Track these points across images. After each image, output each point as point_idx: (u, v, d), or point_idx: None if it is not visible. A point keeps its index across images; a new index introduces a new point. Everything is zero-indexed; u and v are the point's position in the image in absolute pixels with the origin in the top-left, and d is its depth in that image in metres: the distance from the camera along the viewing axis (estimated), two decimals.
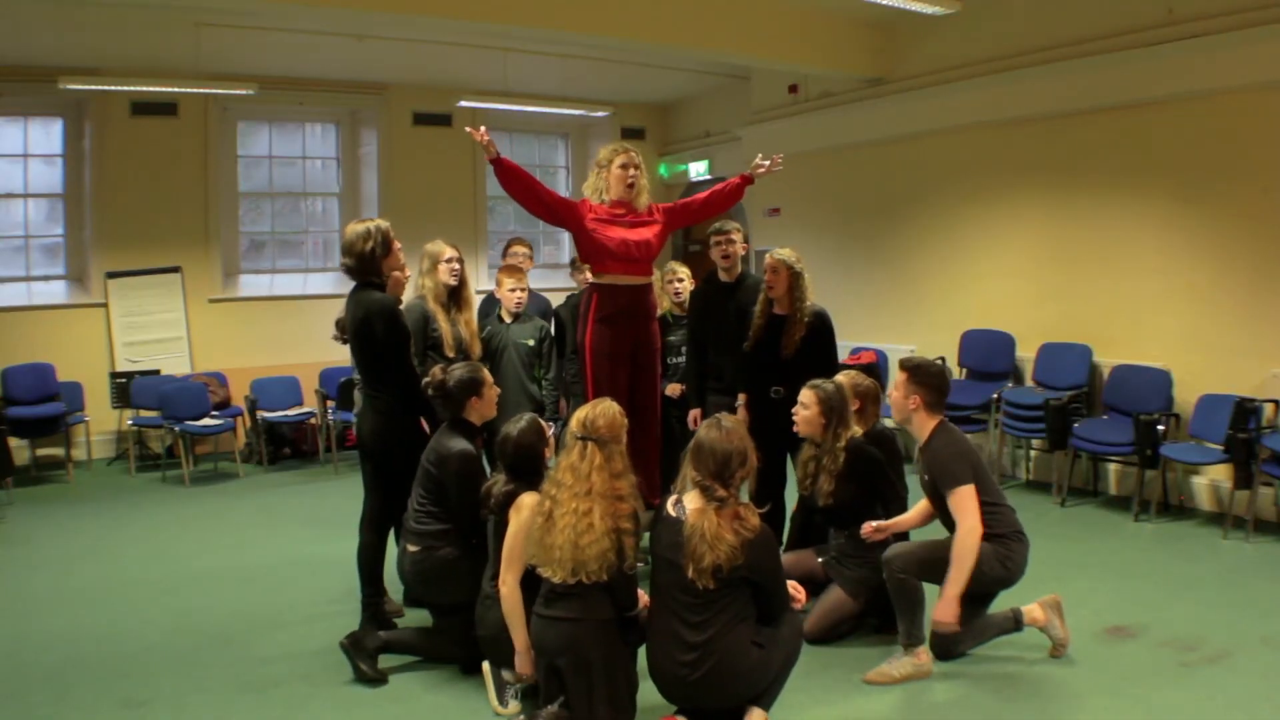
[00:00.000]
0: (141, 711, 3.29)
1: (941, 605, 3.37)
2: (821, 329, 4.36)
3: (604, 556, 2.88)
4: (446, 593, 3.53)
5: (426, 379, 3.83)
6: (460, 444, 3.53)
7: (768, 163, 4.34)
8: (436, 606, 3.66)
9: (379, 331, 3.71)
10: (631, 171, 4.15)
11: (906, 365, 3.61)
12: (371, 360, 3.81)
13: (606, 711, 2.90)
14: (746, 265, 4.91)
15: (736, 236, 4.68)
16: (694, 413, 4.65)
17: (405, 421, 3.82)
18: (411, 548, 3.55)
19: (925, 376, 3.57)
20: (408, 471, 3.73)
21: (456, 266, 4.48)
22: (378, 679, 3.46)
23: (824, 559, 3.95)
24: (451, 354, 4.37)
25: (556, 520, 2.95)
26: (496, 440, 3.44)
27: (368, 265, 3.77)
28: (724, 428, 2.96)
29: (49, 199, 7.99)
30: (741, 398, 4.46)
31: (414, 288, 4.60)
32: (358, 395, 4.16)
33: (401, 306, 4.03)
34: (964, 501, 3.39)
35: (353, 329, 3.81)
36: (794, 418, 3.87)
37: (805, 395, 3.85)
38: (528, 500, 3.17)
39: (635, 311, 4.19)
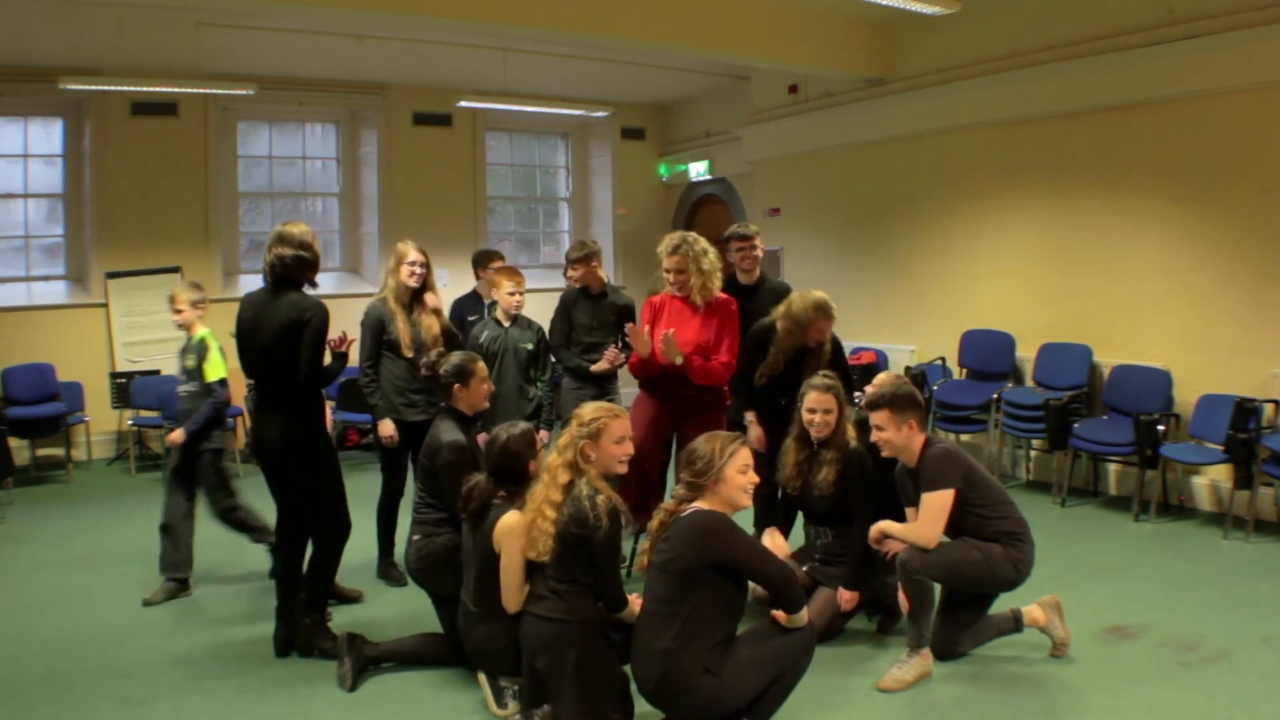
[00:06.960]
0: (141, 711, 3.30)
1: (879, 525, 3.51)
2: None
3: (559, 522, 2.94)
4: (446, 581, 3.55)
5: (424, 359, 3.98)
6: (451, 434, 3.60)
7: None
8: (439, 596, 3.69)
9: (317, 332, 3.56)
10: (673, 278, 4.28)
11: (882, 401, 3.47)
12: (293, 362, 3.58)
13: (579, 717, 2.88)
14: (763, 268, 4.96)
15: (759, 242, 4.80)
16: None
17: (318, 424, 3.78)
18: (415, 536, 3.65)
19: (905, 401, 3.49)
20: (316, 474, 3.73)
21: (419, 270, 4.46)
22: (335, 655, 3.51)
23: (807, 566, 3.92)
24: (409, 354, 4.40)
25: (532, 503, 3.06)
26: (486, 441, 3.39)
27: (309, 266, 3.63)
28: (714, 434, 2.97)
29: (49, 199, 7.99)
30: (750, 415, 4.38)
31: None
32: (253, 397, 4.13)
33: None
34: (938, 507, 3.40)
35: (280, 330, 3.56)
36: (814, 422, 3.81)
37: (827, 400, 3.81)
38: (516, 523, 3.09)
39: (676, 392, 4.28)
